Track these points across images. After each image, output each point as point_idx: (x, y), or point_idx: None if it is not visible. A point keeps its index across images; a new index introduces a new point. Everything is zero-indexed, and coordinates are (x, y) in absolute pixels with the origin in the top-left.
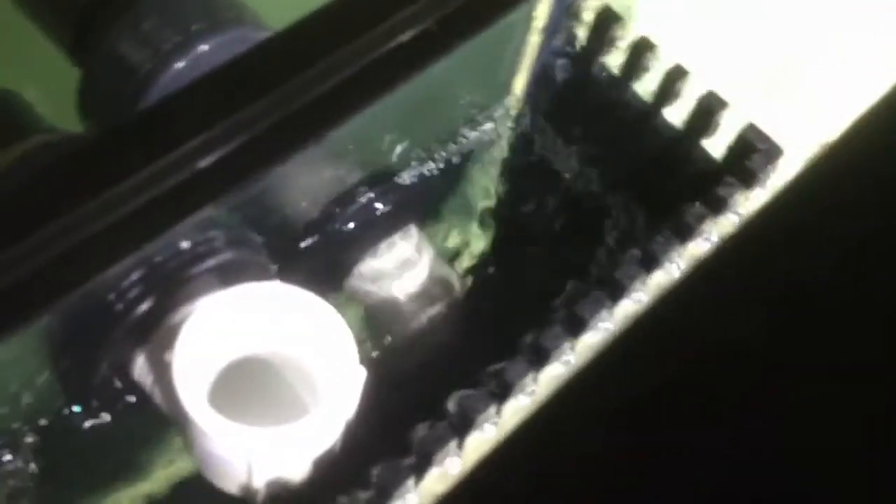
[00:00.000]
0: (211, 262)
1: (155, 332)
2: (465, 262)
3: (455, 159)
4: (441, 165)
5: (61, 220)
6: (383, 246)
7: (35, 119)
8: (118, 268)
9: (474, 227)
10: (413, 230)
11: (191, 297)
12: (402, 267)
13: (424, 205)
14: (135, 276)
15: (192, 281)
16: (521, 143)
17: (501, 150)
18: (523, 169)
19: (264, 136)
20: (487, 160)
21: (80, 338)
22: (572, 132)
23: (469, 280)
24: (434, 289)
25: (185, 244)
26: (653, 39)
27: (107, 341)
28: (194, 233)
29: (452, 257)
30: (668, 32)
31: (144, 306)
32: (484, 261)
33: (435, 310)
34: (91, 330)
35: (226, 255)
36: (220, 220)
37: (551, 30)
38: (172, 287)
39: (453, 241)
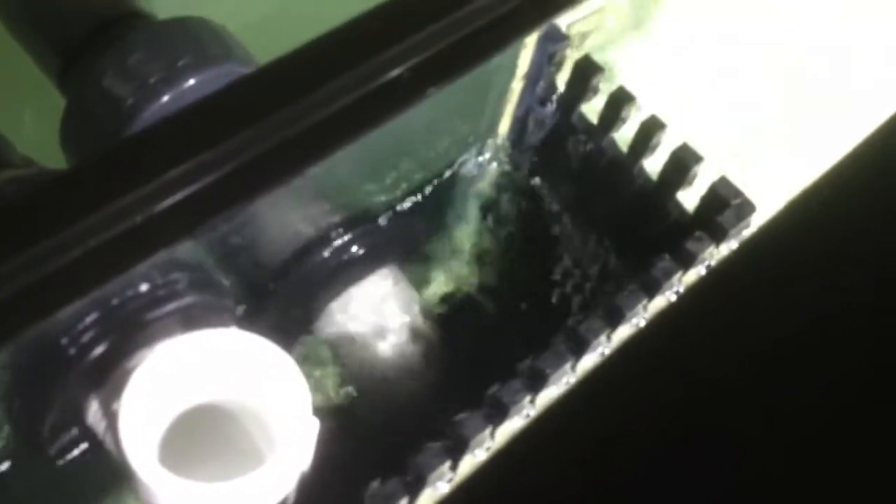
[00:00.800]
0: (173, 306)
1: (111, 376)
2: (439, 307)
3: (433, 202)
4: (420, 208)
5: (19, 255)
6: (357, 289)
7: (7, 152)
8: (75, 308)
9: (449, 272)
10: (389, 273)
11: (151, 341)
12: (375, 311)
13: (401, 248)
14: (93, 317)
15: (153, 324)
16: (501, 189)
17: (481, 194)
18: (500, 215)
19: (238, 174)
20: (466, 204)
21: (35, 380)
22: (552, 179)
23: (441, 326)
24: (406, 334)
25: (144, 287)
26: (633, 90)
27: (62, 385)
28: (156, 275)
29: (426, 302)
30: (648, 84)
31: (100, 349)
32: (457, 307)
33: (402, 357)
34: (47, 372)
35: (188, 299)
36: (185, 262)
37: (534, 77)
38: (132, 330)
39: (428, 285)
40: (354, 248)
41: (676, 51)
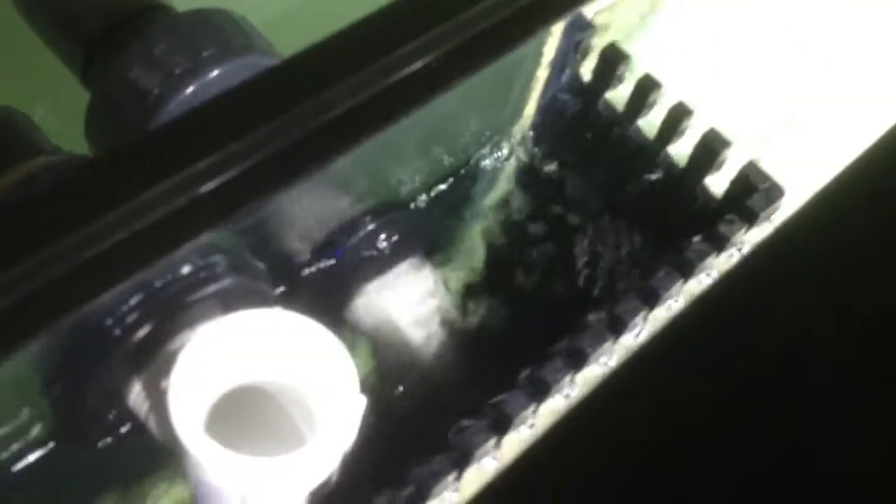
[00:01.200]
0: (212, 288)
1: (152, 358)
2: (468, 292)
3: (460, 189)
4: (447, 195)
5: (58, 242)
6: (387, 275)
7: (39, 140)
8: (116, 292)
9: (478, 258)
10: (417, 260)
11: (190, 323)
12: (404, 297)
13: (429, 235)
14: (133, 301)
15: (192, 307)
16: (527, 176)
17: (506, 182)
18: (527, 201)
19: (268, 163)
20: (492, 191)
21: (75, 364)
22: (577, 167)
23: (471, 310)
24: (436, 319)
25: (185, 269)
26: (658, 77)
27: (103, 368)
28: (195, 258)
29: (455, 287)
30: (673, 69)
31: (142, 332)
32: (486, 291)
33: (436, 340)
34: (87, 356)
35: (227, 282)
36: (223, 246)
37: (559, 65)
38: (171, 313)
39: (458, 270)
40: (384, 236)
41: (695, 37)
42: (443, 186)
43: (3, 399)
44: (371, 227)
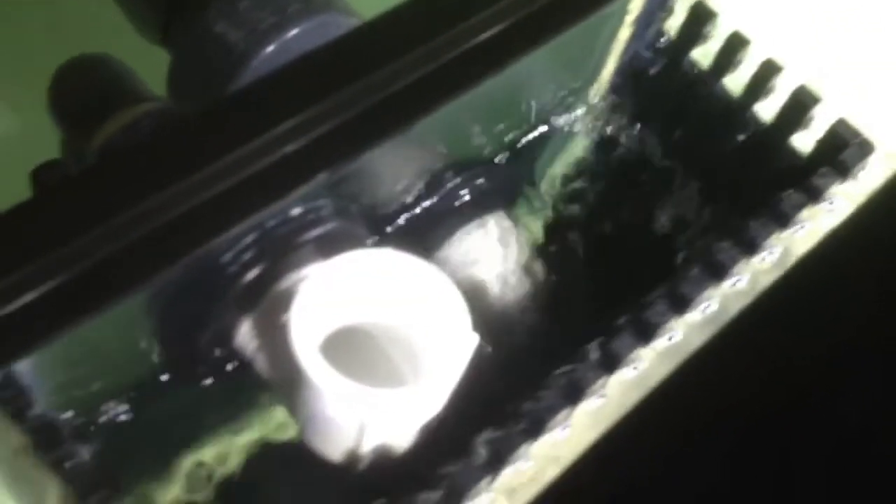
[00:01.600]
0: (319, 231)
1: (263, 298)
2: (552, 243)
3: (542, 146)
4: (529, 152)
5: (170, 188)
6: (469, 229)
7: (139, 87)
8: (226, 237)
9: (561, 211)
10: (499, 215)
11: (298, 264)
12: (487, 251)
13: (509, 192)
14: (246, 241)
15: (301, 248)
16: (606, 135)
17: (585, 141)
18: (607, 160)
19: (358, 120)
20: (574, 148)
21: (188, 305)
22: (658, 126)
23: (557, 262)
24: (519, 273)
25: (295, 211)
26: (745, 34)
27: (214, 308)
28: (304, 200)
29: (539, 239)
30: (758, 25)
31: (252, 273)
32: (570, 244)
33: (523, 290)
34: (200, 297)
35: (332, 225)
36: (327, 191)
37: (644, 23)
38: (281, 254)
39: (539, 224)
40: (464, 192)
41: None
42: (524, 143)
43: (120, 334)
44: (455, 181)
